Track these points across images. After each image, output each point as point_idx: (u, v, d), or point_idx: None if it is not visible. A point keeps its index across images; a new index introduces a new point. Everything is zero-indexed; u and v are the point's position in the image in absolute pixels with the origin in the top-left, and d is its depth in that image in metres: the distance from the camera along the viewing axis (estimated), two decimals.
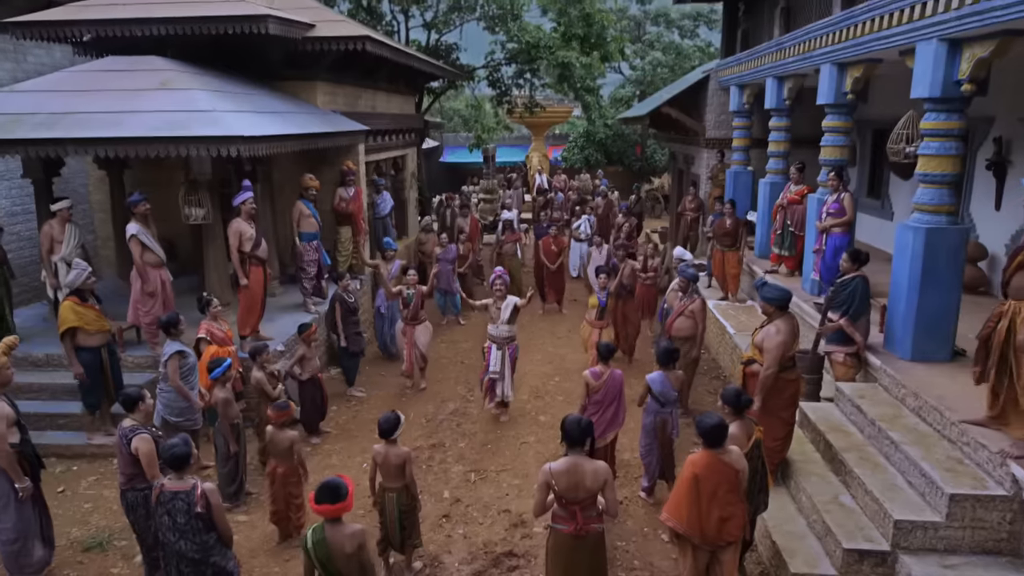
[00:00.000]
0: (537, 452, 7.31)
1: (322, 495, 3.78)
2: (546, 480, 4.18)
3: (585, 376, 6.21)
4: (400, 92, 15.80)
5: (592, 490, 4.18)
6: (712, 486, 4.34)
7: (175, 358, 6.32)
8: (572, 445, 4.20)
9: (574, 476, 4.14)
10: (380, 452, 5.08)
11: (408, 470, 5.09)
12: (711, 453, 4.34)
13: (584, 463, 4.17)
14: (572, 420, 4.22)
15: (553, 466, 4.19)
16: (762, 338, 5.70)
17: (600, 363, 6.25)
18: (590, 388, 6.15)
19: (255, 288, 7.87)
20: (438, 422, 8.07)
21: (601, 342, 6.39)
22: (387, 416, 5.08)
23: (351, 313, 8.70)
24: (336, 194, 10.89)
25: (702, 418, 4.37)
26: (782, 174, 10.84)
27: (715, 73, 14.01)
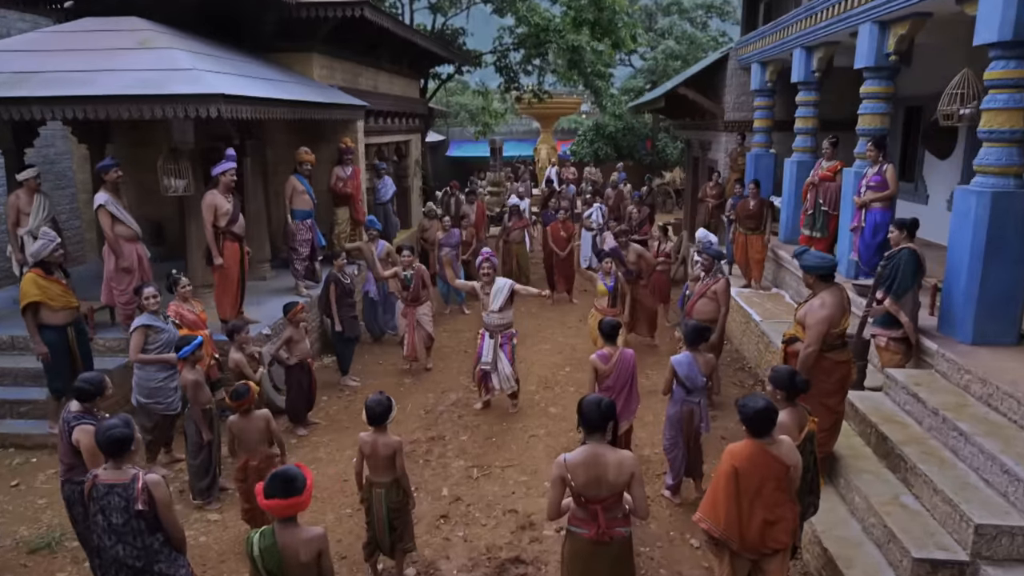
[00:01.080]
0: (547, 446, 6.60)
1: (272, 487, 3.06)
2: (561, 474, 3.47)
3: (592, 361, 5.49)
4: (404, 75, 15.14)
5: (616, 486, 3.46)
6: (756, 482, 3.63)
7: (140, 331, 5.65)
8: (591, 431, 3.49)
9: (594, 469, 3.43)
10: (368, 441, 4.38)
11: (399, 461, 4.38)
12: (756, 443, 3.62)
13: (606, 453, 3.46)
14: (591, 401, 3.51)
15: (569, 457, 3.48)
16: (804, 312, 4.99)
17: (607, 345, 5.54)
18: (599, 373, 5.43)
19: (231, 266, 7.18)
20: (438, 413, 7.37)
21: (604, 319, 5.68)
22: (377, 399, 4.38)
23: (347, 295, 8.01)
24: (333, 173, 10.23)
25: (747, 401, 3.65)
26: (810, 152, 10.10)
27: (735, 52, 13.27)
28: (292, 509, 3.07)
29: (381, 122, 13.48)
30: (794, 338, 5.07)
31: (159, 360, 5.73)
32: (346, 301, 8.00)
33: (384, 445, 4.35)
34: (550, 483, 3.54)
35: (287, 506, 3.05)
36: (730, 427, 6.87)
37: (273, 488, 3.04)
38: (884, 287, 5.85)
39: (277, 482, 3.06)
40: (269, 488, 3.06)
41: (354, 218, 10.36)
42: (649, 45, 27.07)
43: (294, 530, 3.10)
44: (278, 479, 3.08)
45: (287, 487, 3.04)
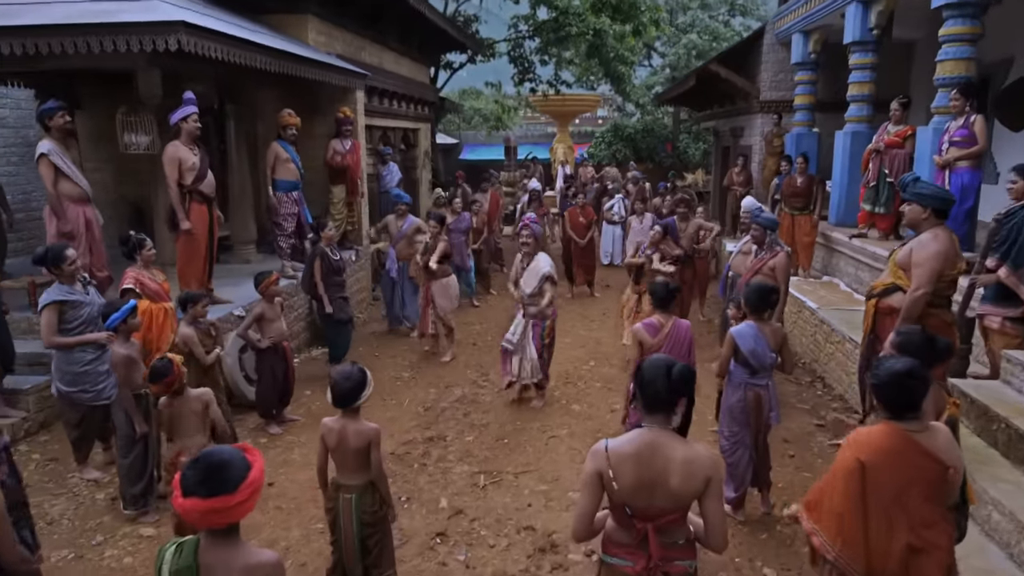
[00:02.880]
0: (570, 448, 5.41)
1: (191, 480, 1.84)
2: (599, 468, 2.29)
3: (636, 332, 4.31)
4: (412, 58, 14.13)
5: (681, 496, 2.27)
6: (894, 487, 2.46)
7: (51, 310, 4.54)
8: (653, 409, 2.31)
9: (650, 466, 2.25)
10: (333, 429, 3.23)
11: (375, 456, 3.23)
12: (897, 429, 2.46)
13: (671, 445, 2.27)
14: (656, 363, 2.33)
15: (614, 444, 2.31)
16: (909, 250, 3.84)
17: (657, 312, 4.36)
18: (645, 347, 4.25)
19: (198, 232, 6.08)
20: (439, 410, 6.20)
21: (657, 281, 4.53)
22: (346, 372, 3.23)
23: (334, 272, 6.88)
24: (329, 146, 9.17)
25: (885, 362, 2.49)
26: (866, 122, 8.90)
27: (772, 26, 12.14)
28: (219, 516, 1.83)
29: (386, 103, 12.45)
30: (890, 289, 3.86)
31: (83, 341, 4.60)
32: (334, 279, 6.87)
33: (355, 434, 3.19)
34: (581, 483, 2.37)
35: (210, 510, 1.81)
36: (792, 428, 5.64)
37: (191, 480, 1.84)
38: (999, 253, 4.65)
39: (197, 471, 1.84)
40: (185, 480, 1.85)
41: (350, 195, 9.26)
42: (670, 41, 25.99)
43: (229, 550, 1.88)
44: (199, 467, 1.85)
45: (212, 480, 1.82)
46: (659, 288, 4.35)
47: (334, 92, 9.61)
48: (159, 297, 5.22)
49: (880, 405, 2.54)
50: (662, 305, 4.32)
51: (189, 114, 5.98)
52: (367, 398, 3.23)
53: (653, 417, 2.30)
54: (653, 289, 4.39)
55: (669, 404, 2.28)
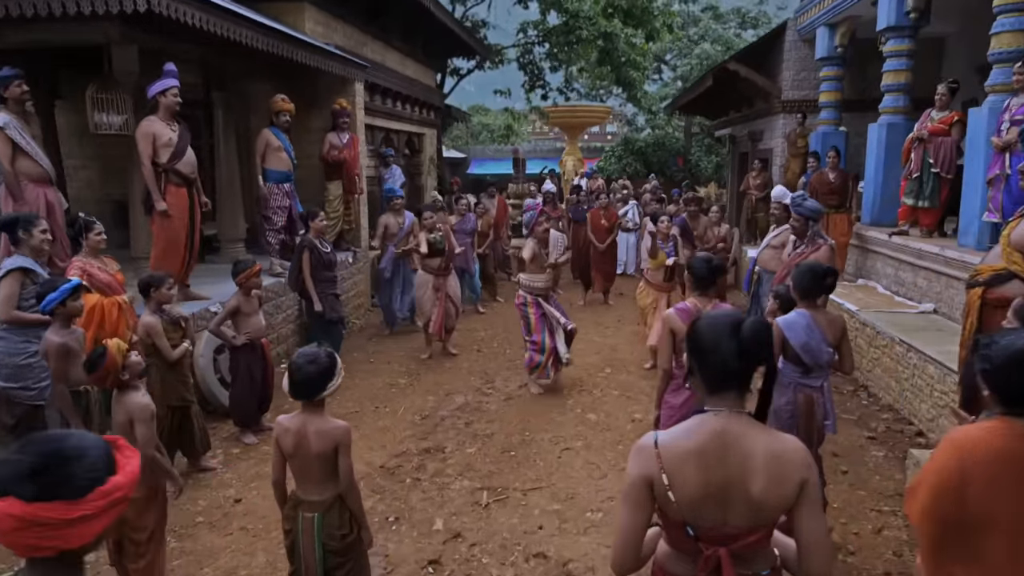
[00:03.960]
0: (587, 462, 4.70)
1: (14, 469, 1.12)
2: (646, 474, 1.62)
3: (668, 319, 3.61)
4: (417, 59, 13.62)
5: (765, 508, 1.58)
6: (1015, 509, 1.76)
7: (13, 277, 3.91)
8: (719, 386, 1.64)
9: (721, 467, 1.57)
10: (289, 428, 2.57)
11: (344, 464, 2.55)
12: (1016, 427, 1.76)
13: (748, 435, 1.59)
14: (717, 320, 1.66)
15: (666, 439, 1.63)
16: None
17: (694, 294, 3.68)
18: (678, 337, 3.54)
19: (175, 218, 5.46)
20: (438, 419, 5.51)
21: (698, 256, 3.86)
22: (308, 354, 2.58)
23: (325, 267, 6.24)
24: (326, 140, 8.60)
25: (999, 340, 1.81)
26: (903, 114, 8.25)
27: (794, 21, 11.55)
28: (47, 534, 1.12)
29: (389, 104, 11.91)
30: (1002, 275, 3.17)
31: (38, 321, 3.96)
32: (324, 275, 6.24)
33: (319, 435, 2.53)
34: (622, 495, 1.68)
35: (34, 522, 1.10)
36: (840, 440, 4.92)
37: (13, 471, 1.13)
38: None
39: (27, 458, 1.14)
40: (5, 470, 1.17)
41: (348, 192, 8.66)
42: (682, 52, 25.54)
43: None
44: (30, 452, 1.15)
45: (47, 474, 1.13)
46: (700, 265, 3.66)
47: (332, 84, 9.06)
48: (111, 289, 4.56)
49: (993, 397, 1.84)
50: (701, 285, 3.63)
51: (169, 87, 5.38)
52: (335, 389, 2.57)
53: (720, 398, 1.63)
54: (692, 265, 3.70)
55: (742, 376, 1.61)
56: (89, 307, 4.18)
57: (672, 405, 3.52)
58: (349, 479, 2.57)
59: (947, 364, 4.88)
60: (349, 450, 2.57)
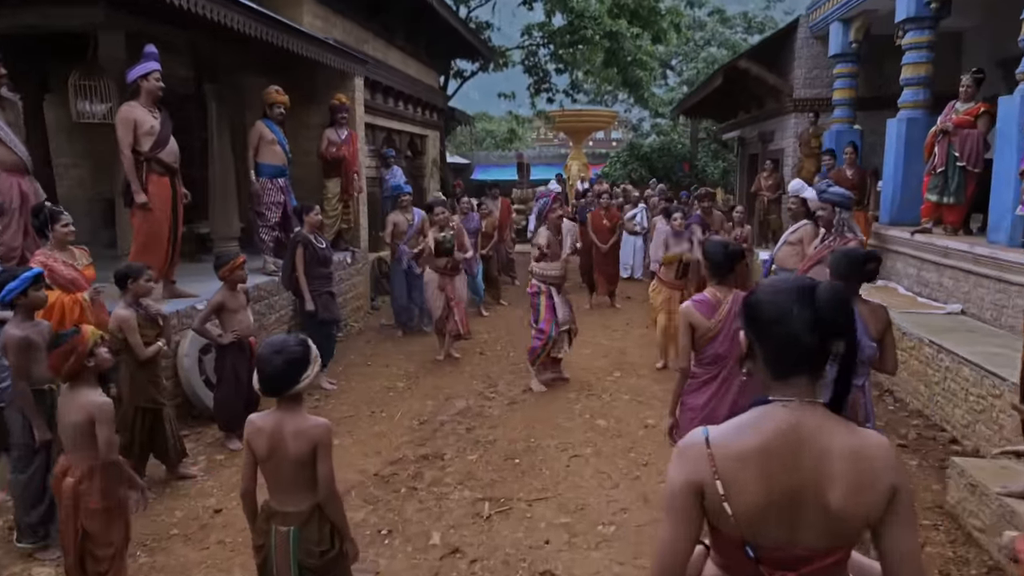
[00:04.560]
0: (597, 471, 4.36)
1: None
2: (695, 479, 1.28)
3: (686, 312, 3.25)
4: (420, 59, 13.35)
5: (846, 521, 1.24)
6: None
7: None
8: (788, 369, 1.29)
9: (791, 471, 1.23)
10: (262, 428, 2.25)
11: (324, 469, 2.22)
12: None
13: (824, 429, 1.25)
14: (782, 287, 1.31)
15: (720, 436, 1.30)
16: None
17: (712, 283, 3.33)
18: (698, 332, 3.20)
19: (157, 211, 5.15)
20: (437, 424, 5.17)
21: (712, 240, 3.52)
22: (277, 342, 2.24)
23: (319, 264, 5.92)
24: (324, 136, 8.31)
25: None
26: (923, 108, 7.91)
27: (806, 18, 11.25)
28: None
29: (391, 103, 11.64)
30: None
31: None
32: (319, 271, 5.92)
33: (295, 436, 2.20)
34: (665, 505, 1.33)
35: None
36: None
37: None
38: None
39: None
40: None
41: (346, 191, 8.35)
42: (688, 57, 25.28)
43: None
44: None
45: None
46: (715, 250, 3.30)
47: (330, 79, 8.78)
48: (75, 286, 4.22)
49: None
50: (719, 273, 3.28)
51: (150, 71, 5.08)
52: (310, 380, 2.24)
53: (788, 384, 1.29)
54: (707, 251, 3.35)
55: (816, 355, 1.27)
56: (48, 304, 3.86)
57: (693, 407, 3.18)
58: (329, 486, 2.23)
59: (985, 366, 4.53)
60: (330, 452, 2.24)
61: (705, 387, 3.15)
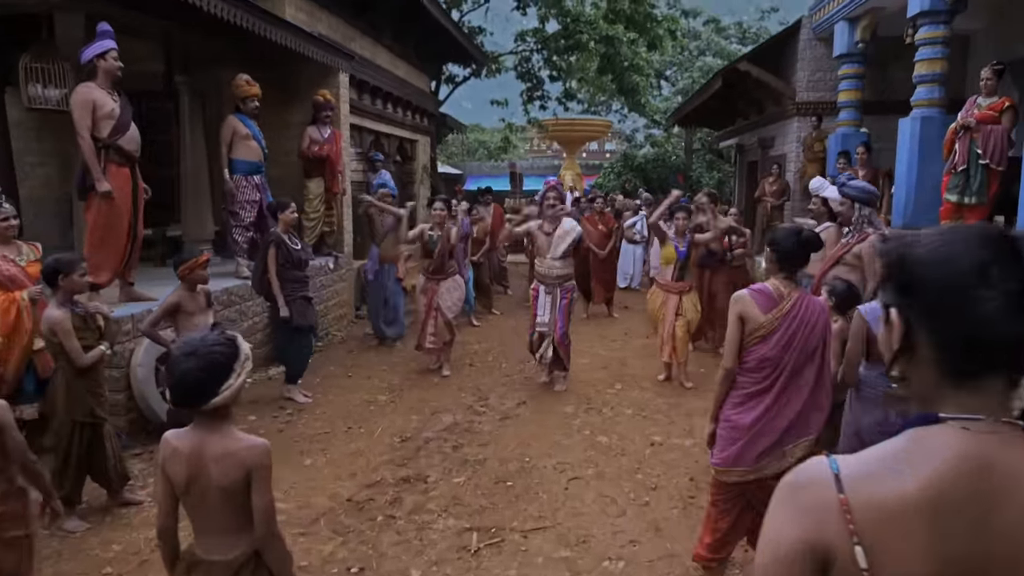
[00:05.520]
0: (600, 495, 3.86)
1: None
2: (820, 538, 0.79)
3: (739, 300, 2.67)
4: (410, 61, 12.94)
5: None
6: None
7: None
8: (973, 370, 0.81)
9: (980, 529, 0.75)
10: (179, 450, 1.74)
11: (260, 503, 1.71)
12: None
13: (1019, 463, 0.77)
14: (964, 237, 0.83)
15: (859, 471, 0.81)
16: None
17: (778, 276, 2.74)
18: (748, 326, 2.64)
19: (118, 201, 4.65)
20: (421, 442, 4.65)
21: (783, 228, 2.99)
22: (191, 343, 1.74)
23: (294, 266, 5.42)
24: (305, 135, 7.84)
25: None
26: (938, 106, 7.52)
27: (808, 19, 10.90)
28: None
29: (379, 105, 11.19)
30: None
31: None
32: (293, 274, 5.41)
33: (221, 460, 1.70)
34: (766, 569, 0.83)
35: None
36: None
37: None
38: None
39: None
40: None
41: (329, 191, 7.87)
42: (683, 66, 25.03)
43: None
44: None
45: None
46: (785, 238, 2.72)
47: (314, 74, 8.31)
48: (14, 283, 3.76)
49: None
50: (788, 265, 2.69)
51: (107, 50, 4.58)
52: (235, 391, 1.73)
53: (971, 393, 0.82)
54: (775, 239, 2.75)
55: (1013, 348, 0.78)
56: None
57: (737, 425, 2.66)
58: (268, 525, 1.73)
59: None
60: (268, 480, 1.74)
61: (754, 401, 2.62)
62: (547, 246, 5.53)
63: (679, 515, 3.62)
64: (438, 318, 6.23)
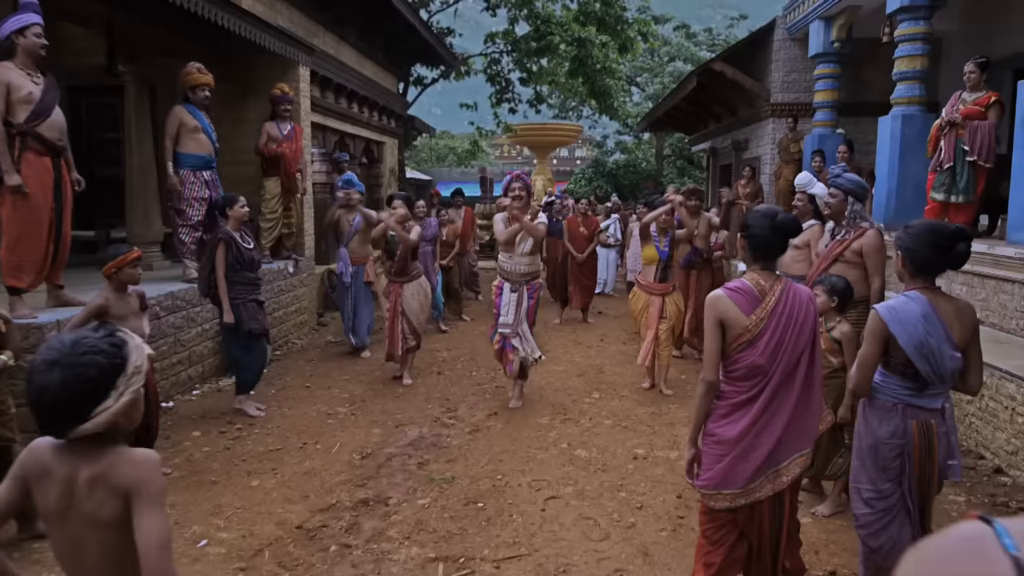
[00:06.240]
0: (580, 517, 3.48)
1: None
2: None
3: (715, 302, 2.32)
4: (377, 61, 12.52)
5: None
6: None
7: None
8: None
9: None
10: (49, 469, 1.32)
11: (148, 538, 1.29)
12: None
13: None
14: None
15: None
16: None
17: (754, 267, 2.41)
18: (731, 331, 2.30)
19: (37, 195, 4.16)
20: (383, 459, 4.23)
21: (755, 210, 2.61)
22: (51, 352, 1.31)
23: (244, 267, 4.95)
24: (263, 131, 7.38)
25: None
26: (919, 104, 7.35)
27: (783, 19, 10.74)
28: None
29: (344, 104, 10.75)
30: None
31: None
32: (243, 276, 4.94)
33: (92, 483, 1.28)
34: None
35: None
36: None
37: None
38: None
39: None
40: None
41: (287, 191, 7.40)
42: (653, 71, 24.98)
43: None
44: None
45: None
46: (758, 222, 2.35)
47: (272, 67, 7.86)
48: None
49: None
50: (764, 254, 2.37)
51: (27, 25, 4.11)
52: (114, 414, 1.31)
53: None
54: (747, 224, 2.38)
55: None
56: None
57: (722, 439, 2.32)
58: (160, 565, 1.30)
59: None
60: (159, 503, 1.31)
61: (739, 412, 2.29)
62: (514, 242, 5.10)
63: (668, 538, 3.26)
64: (403, 323, 5.82)
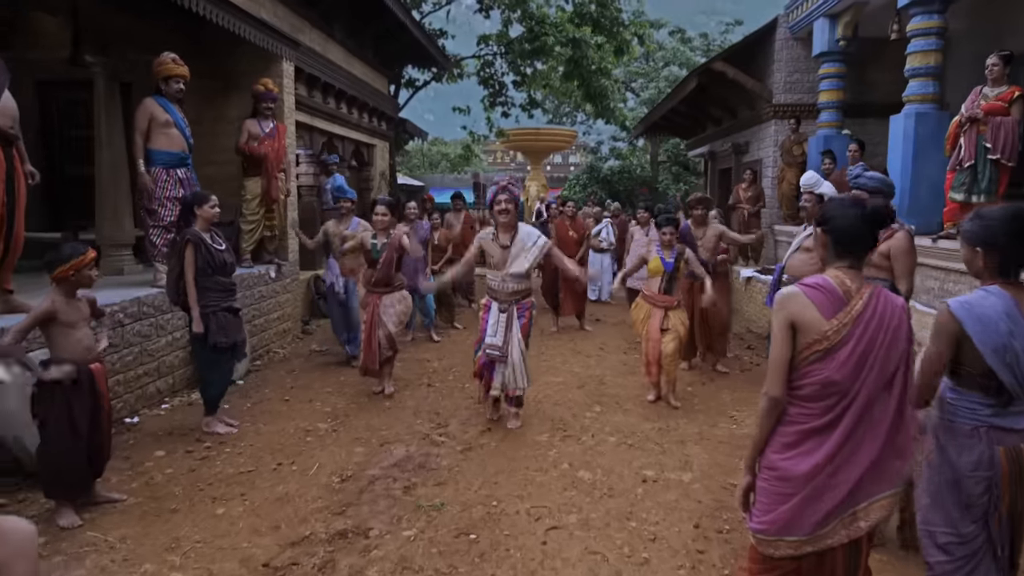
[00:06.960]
0: (587, 550, 3.07)
1: None
2: None
3: (788, 300, 1.92)
4: (367, 60, 12.14)
5: None
6: None
7: None
8: None
9: None
10: None
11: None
12: None
13: None
14: None
15: None
16: None
17: (839, 265, 1.98)
18: (805, 337, 1.89)
19: None
20: (365, 482, 3.82)
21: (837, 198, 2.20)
22: None
23: (216, 270, 4.52)
24: (244, 128, 6.98)
25: None
26: (932, 102, 7.02)
27: (785, 17, 10.44)
28: None
29: (332, 104, 10.37)
30: None
31: None
32: (215, 280, 4.52)
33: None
34: None
35: None
36: None
37: None
38: None
39: None
40: None
41: (268, 195, 6.99)
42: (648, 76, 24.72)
43: None
44: None
45: None
46: (842, 213, 1.97)
47: (255, 62, 7.46)
48: None
49: None
50: (851, 247, 1.96)
51: None
52: None
53: None
54: (828, 215, 1.99)
55: None
56: None
57: (788, 475, 1.91)
58: None
59: None
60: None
61: (812, 442, 1.86)
62: (502, 260, 4.54)
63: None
64: (380, 333, 5.39)
